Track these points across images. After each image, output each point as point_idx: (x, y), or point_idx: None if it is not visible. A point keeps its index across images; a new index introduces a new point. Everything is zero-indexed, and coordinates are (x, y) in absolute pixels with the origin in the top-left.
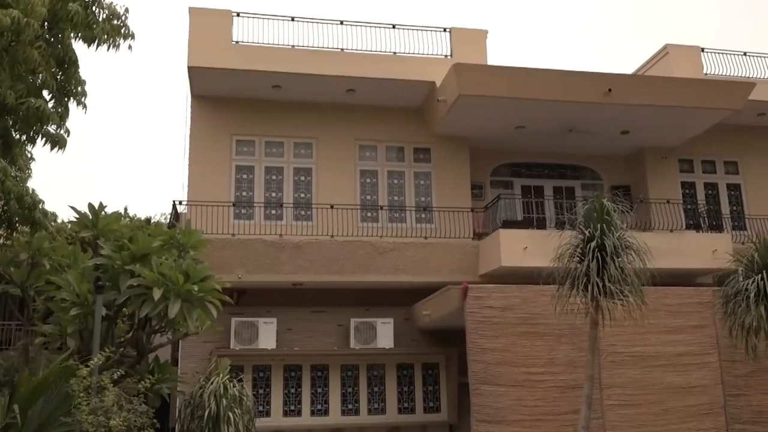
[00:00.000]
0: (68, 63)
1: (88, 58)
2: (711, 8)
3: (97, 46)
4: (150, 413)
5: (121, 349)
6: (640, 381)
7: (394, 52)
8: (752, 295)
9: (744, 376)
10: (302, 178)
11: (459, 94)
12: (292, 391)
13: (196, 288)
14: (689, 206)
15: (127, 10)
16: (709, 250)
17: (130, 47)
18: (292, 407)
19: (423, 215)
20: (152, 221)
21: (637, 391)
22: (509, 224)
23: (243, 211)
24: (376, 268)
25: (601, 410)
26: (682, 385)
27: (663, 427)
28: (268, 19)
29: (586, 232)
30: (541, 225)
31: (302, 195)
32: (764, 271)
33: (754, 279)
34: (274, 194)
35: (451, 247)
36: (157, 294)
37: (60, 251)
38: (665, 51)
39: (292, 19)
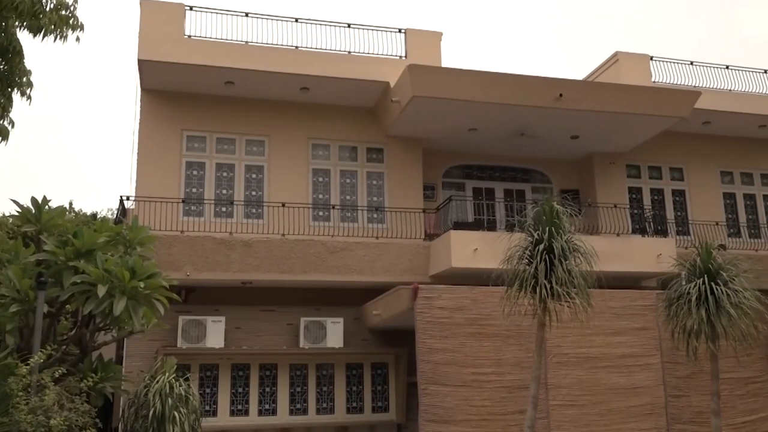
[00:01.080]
0: (12, 53)
1: (35, 48)
2: (660, 18)
3: (44, 37)
4: (92, 412)
5: (64, 347)
6: (584, 382)
7: (349, 52)
8: (694, 298)
9: (685, 377)
10: (254, 175)
11: (413, 95)
12: (240, 390)
13: (142, 285)
14: (636, 211)
15: (76, 1)
16: (654, 255)
17: (78, 39)
18: (240, 407)
19: (375, 215)
20: (98, 217)
21: (582, 392)
22: (460, 225)
23: (192, 207)
24: (327, 268)
25: (546, 410)
26: (626, 386)
27: (606, 427)
28: (222, 14)
29: (535, 235)
30: (492, 227)
31: (253, 193)
32: (705, 276)
33: (696, 283)
34: (224, 191)
35: (402, 247)
36: (101, 291)
37: (0, 246)
38: (615, 58)
39: (246, 15)
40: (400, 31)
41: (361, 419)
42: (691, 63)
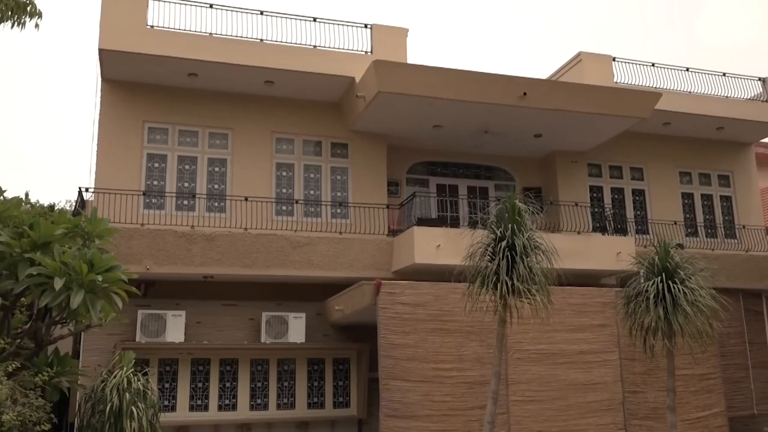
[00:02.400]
0: None
1: None
2: (624, 20)
3: (1, 23)
4: (47, 407)
5: (18, 340)
6: (544, 377)
7: (314, 46)
8: (652, 296)
9: (642, 373)
10: (216, 168)
11: (378, 90)
12: (200, 385)
13: (100, 278)
14: (596, 209)
15: None
16: (614, 253)
17: (37, 26)
18: (199, 402)
19: (338, 210)
20: (56, 208)
21: (542, 388)
22: (423, 222)
23: (153, 200)
24: (290, 262)
25: (506, 406)
26: (584, 381)
27: (564, 422)
28: (186, 4)
29: (498, 232)
30: (455, 223)
31: (216, 186)
32: (663, 274)
33: (654, 281)
34: (186, 184)
35: (366, 242)
36: (58, 283)
37: None
38: (578, 58)
39: (211, 6)
40: (366, 26)
41: (322, 414)
42: (653, 65)
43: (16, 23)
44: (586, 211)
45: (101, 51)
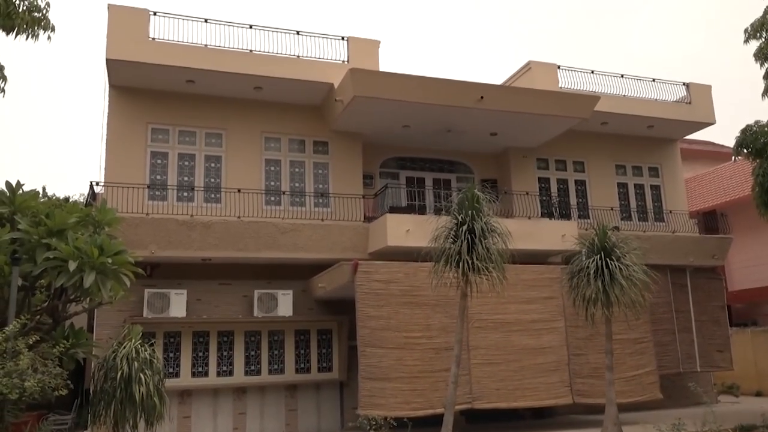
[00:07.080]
0: None
1: (8, 45)
2: (570, 32)
3: (16, 35)
4: (64, 375)
5: (38, 316)
6: (500, 343)
7: (298, 56)
8: (592, 272)
9: (584, 338)
10: (212, 164)
11: (354, 95)
12: (200, 354)
13: (110, 261)
14: (544, 198)
15: (48, 5)
16: (559, 235)
17: (49, 38)
18: (200, 369)
19: (320, 200)
20: (70, 200)
21: (498, 352)
22: (395, 210)
23: (157, 192)
24: (278, 246)
25: (468, 368)
26: (535, 346)
27: (519, 381)
28: (183, 19)
29: (459, 218)
30: (422, 211)
31: (212, 180)
32: (602, 253)
33: (594, 259)
34: (186, 178)
35: (344, 228)
36: (72, 266)
37: None
38: (528, 66)
39: (206, 21)
40: (342, 38)
41: (308, 378)
42: (592, 72)
43: (30, 35)
44: (535, 199)
45: (108, 60)
